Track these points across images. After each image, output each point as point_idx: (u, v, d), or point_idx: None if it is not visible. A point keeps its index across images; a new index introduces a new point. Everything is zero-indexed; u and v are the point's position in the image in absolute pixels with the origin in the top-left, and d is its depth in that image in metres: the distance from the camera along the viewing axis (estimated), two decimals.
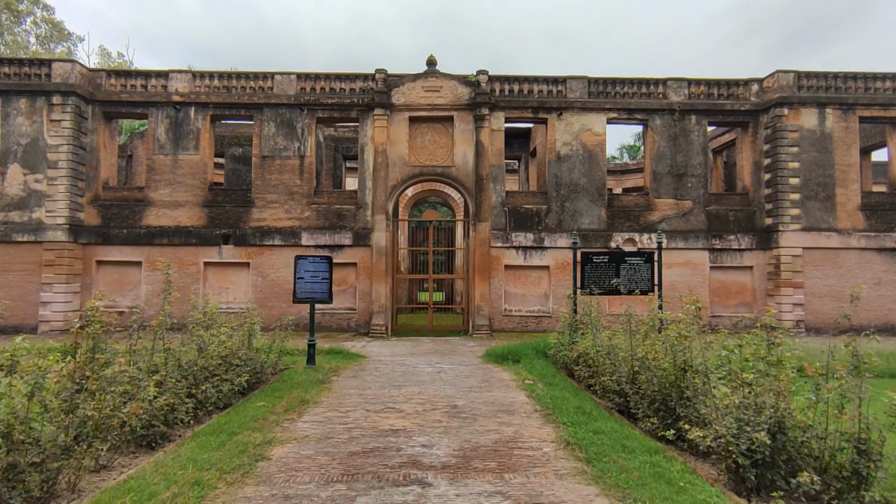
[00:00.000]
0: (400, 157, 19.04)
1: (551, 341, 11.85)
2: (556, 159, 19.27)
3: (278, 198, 18.98)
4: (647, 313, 8.91)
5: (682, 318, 6.87)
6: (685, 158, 19.33)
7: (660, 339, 7.29)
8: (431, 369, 11.50)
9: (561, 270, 18.96)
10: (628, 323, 8.26)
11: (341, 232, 18.88)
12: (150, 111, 18.96)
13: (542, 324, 18.83)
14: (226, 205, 19.00)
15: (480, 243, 18.74)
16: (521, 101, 19.30)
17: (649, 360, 7.01)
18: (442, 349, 14.85)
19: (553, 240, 18.97)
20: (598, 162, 19.31)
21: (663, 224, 19.18)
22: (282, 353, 11.57)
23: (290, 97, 19.07)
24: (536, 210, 19.19)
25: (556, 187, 19.22)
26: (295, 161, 19.04)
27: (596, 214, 19.15)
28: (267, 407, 8.01)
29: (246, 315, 17.44)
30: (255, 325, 10.10)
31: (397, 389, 9.38)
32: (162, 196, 18.85)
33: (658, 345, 7.18)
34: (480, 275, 18.62)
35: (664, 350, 6.87)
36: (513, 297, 19.09)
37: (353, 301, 18.97)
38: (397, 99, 18.96)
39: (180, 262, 18.68)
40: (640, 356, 7.27)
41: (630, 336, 8.15)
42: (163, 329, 7.73)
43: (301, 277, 11.68)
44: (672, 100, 19.42)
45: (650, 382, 6.89)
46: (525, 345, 13.05)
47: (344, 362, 12.21)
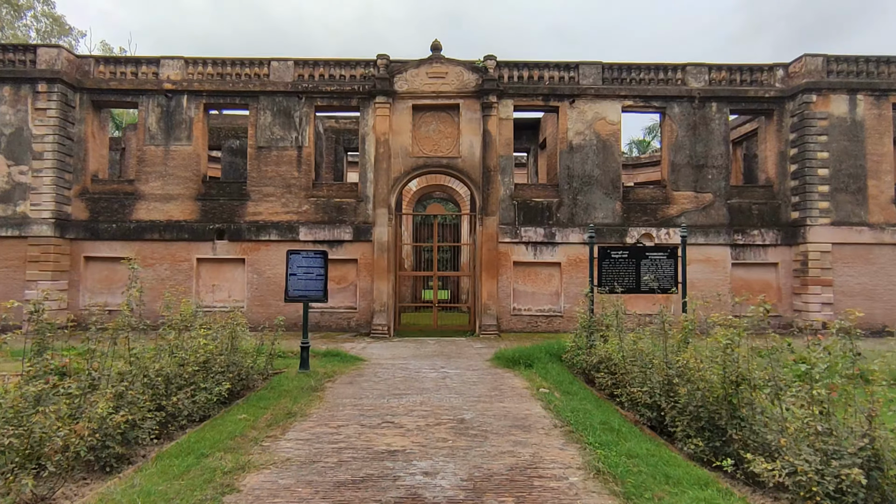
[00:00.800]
0: (403, 148, 18.03)
1: (567, 344, 10.82)
2: (568, 150, 18.20)
3: (275, 191, 18.02)
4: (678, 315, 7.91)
5: (733, 320, 5.83)
6: (705, 148, 18.21)
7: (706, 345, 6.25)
8: (436, 374, 10.50)
9: (573, 267, 17.91)
10: (661, 325, 7.20)
11: (341, 226, 17.91)
12: (141, 99, 18.04)
13: (554, 324, 17.79)
14: (220, 198, 18.07)
15: (488, 238, 17.72)
16: (531, 87, 18.23)
17: (691, 371, 5.96)
18: (447, 351, 13.85)
19: (565, 235, 17.91)
20: (613, 152, 18.22)
21: (682, 218, 18.07)
22: (273, 357, 10.61)
23: (288, 84, 18.10)
24: (547, 203, 18.13)
25: (569, 179, 18.15)
26: (292, 152, 18.07)
27: (610, 208, 18.07)
28: (248, 420, 7.03)
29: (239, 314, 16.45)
30: (239, 326, 9.07)
31: (397, 399, 8.38)
32: (153, 189, 17.93)
33: (705, 352, 6.13)
34: (488, 272, 17.61)
35: (711, 359, 5.82)
36: (522, 296, 18.06)
37: (353, 299, 18.00)
38: (400, 86, 17.95)
39: (172, 259, 17.79)
40: (680, 365, 6.23)
41: (664, 340, 7.11)
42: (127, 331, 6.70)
43: (293, 274, 10.71)
44: (691, 86, 18.30)
45: (692, 396, 5.85)
46: (537, 347, 12.02)
47: (341, 366, 11.23)
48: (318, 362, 11.60)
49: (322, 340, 15.64)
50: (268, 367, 10.41)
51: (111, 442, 5.41)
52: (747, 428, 5.12)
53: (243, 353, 9.25)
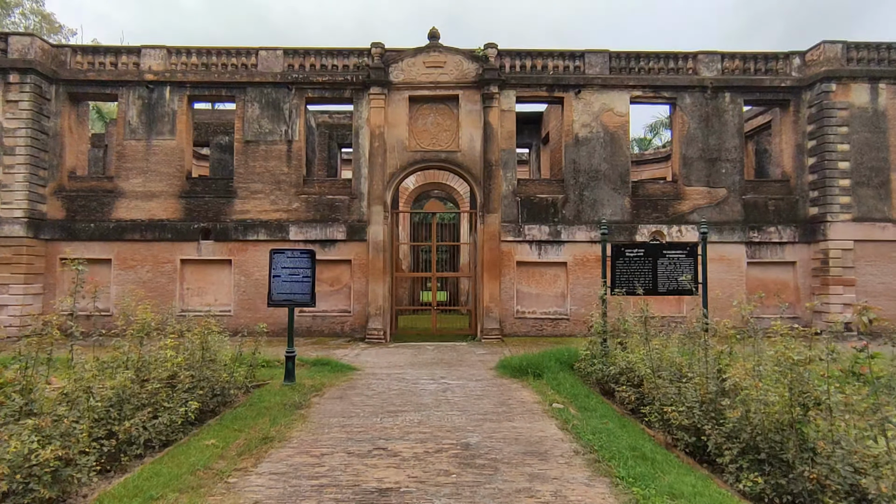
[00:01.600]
0: (399, 142, 17.02)
1: (581, 352, 9.80)
2: (573, 143, 17.21)
3: (263, 187, 16.99)
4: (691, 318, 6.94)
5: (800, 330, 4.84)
6: (718, 141, 17.24)
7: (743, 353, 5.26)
8: (435, 386, 9.49)
9: (580, 267, 16.91)
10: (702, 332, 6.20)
11: (334, 225, 16.88)
12: (121, 91, 16.99)
13: (560, 327, 16.79)
14: (205, 196, 17.02)
15: (490, 237, 16.71)
16: (535, 77, 17.24)
17: (745, 390, 4.96)
18: (447, 358, 12.83)
19: (571, 233, 16.92)
20: (621, 146, 17.24)
21: (694, 215, 17.10)
22: (254, 367, 9.59)
23: (277, 75, 17.07)
24: (552, 200, 17.13)
25: (574, 174, 17.15)
26: (282, 146, 17.04)
27: (619, 204, 17.08)
28: (217, 447, 6.01)
29: (227, 320, 15.42)
30: (212, 334, 8.05)
31: (392, 418, 7.36)
32: (134, 186, 16.88)
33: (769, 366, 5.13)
34: (490, 272, 16.60)
35: (775, 376, 4.83)
36: (526, 298, 17.06)
37: (347, 302, 16.97)
38: (396, 76, 16.94)
39: (154, 260, 16.74)
40: (729, 383, 5.22)
41: (704, 351, 6.11)
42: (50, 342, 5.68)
43: (277, 276, 9.69)
44: (703, 76, 17.33)
45: (746, 421, 4.85)
46: (546, 354, 11.01)
47: (331, 377, 10.20)
48: (305, 372, 10.58)
49: (313, 347, 14.61)
50: (249, 380, 9.40)
51: (36, 484, 4.38)
52: (824, 465, 4.12)
53: (220, 364, 8.21)
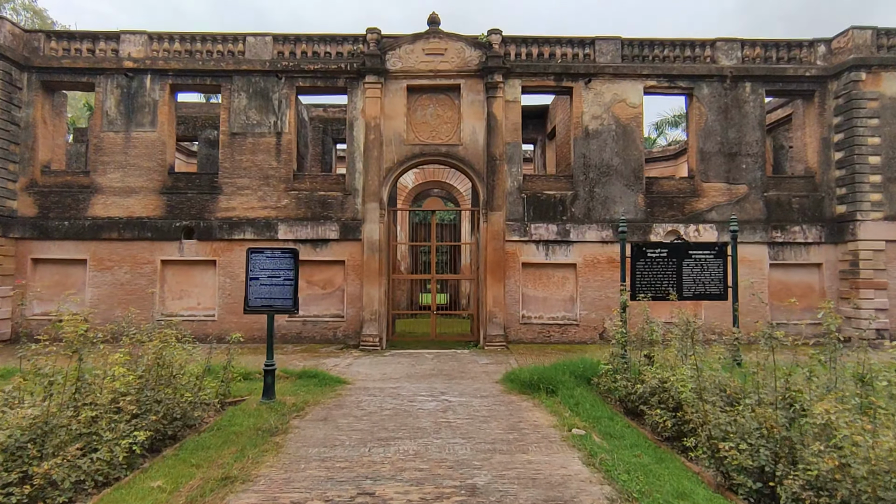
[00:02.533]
0: (396, 134, 15.87)
1: (601, 366, 8.59)
2: (583, 136, 16.06)
3: (250, 183, 15.83)
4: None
5: None
6: (738, 134, 16.09)
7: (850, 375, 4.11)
8: (435, 405, 8.31)
9: (590, 269, 15.75)
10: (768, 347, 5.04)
11: (326, 223, 15.72)
12: (98, 80, 15.84)
13: (568, 333, 15.62)
14: (188, 192, 15.86)
15: (493, 237, 15.55)
16: (542, 66, 16.10)
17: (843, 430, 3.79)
18: (448, 369, 11.66)
19: (580, 232, 15.76)
20: (634, 139, 16.09)
21: (713, 213, 15.95)
22: (229, 382, 8.43)
23: (265, 63, 15.93)
24: (560, 197, 15.98)
25: (584, 169, 16.00)
26: (270, 139, 15.89)
27: (632, 202, 15.92)
28: (162, 492, 4.84)
29: (211, 325, 14.21)
30: (169, 347, 6.89)
31: (383, 447, 6.19)
32: (111, 181, 15.72)
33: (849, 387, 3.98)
34: (493, 275, 15.43)
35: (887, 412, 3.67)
36: (532, 302, 15.89)
37: (340, 306, 15.80)
38: (393, 64, 15.80)
39: (133, 261, 15.57)
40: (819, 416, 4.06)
41: (765, 371, 4.95)
42: None
43: (255, 278, 8.52)
44: (722, 64, 16.19)
45: (844, 474, 3.68)
46: (558, 367, 9.83)
47: (316, 393, 9.02)
48: (289, 387, 9.41)
49: (301, 355, 13.44)
50: (223, 396, 8.25)
51: None
52: None
53: (184, 381, 7.05)
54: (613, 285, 15.58)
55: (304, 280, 15.81)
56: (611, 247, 15.76)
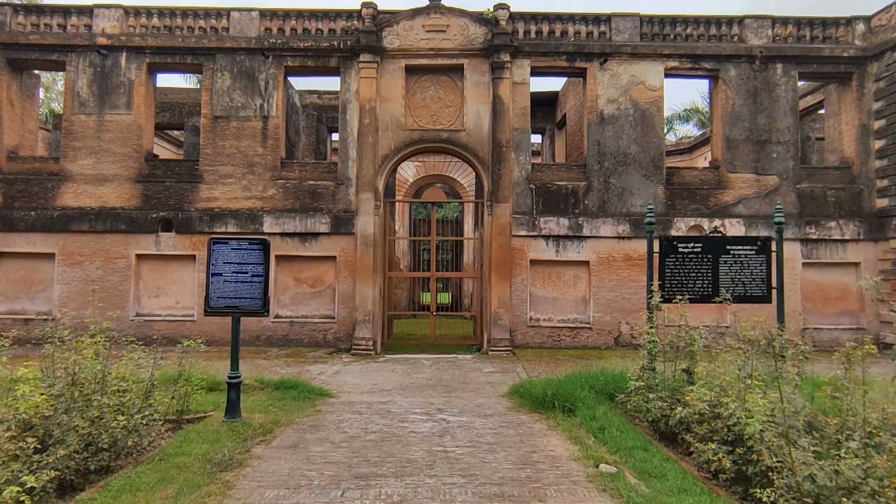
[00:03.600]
0: (394, 119, 14.52)
1: (631, 382, 7.17)
2: (597, 122, 14.67)
3: (234, 171, 14.51)
4: None
5: None
6: (768, 121, 14.67)
7: None
8: (430, 426, 6.96)
9: (605, 267, 14.37)
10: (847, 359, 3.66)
11: (316, 215, 14.39)
12: (69, 58, 14.54)
13: (580, 337, 14.25)
14: (166, 180, 14.55)
15: (499, 231, 14.18)
16: (553, 45, 14.70)
17: None
18: (447, 379, 10.30)
19: (594, 227, 14.38)
20: (654, 125, 14.69)
21: (740, 206, 14.54)
22: (187, 397, 7.12)
23: (251, 40, 14.59)
24: (573, 188, 14.60)
25: (599, 158, 14.61)
26: (256, 123, 14.56)
27: (651, 194, 14.52)
28: None
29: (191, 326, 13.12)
30: (89, 362, 5.58)
31: (360, 491, 4.84)
32: (83, 168, 14.43)
33: None
34: (499, 272, 14.07)
35: None
36: (541, 303, 14.52)
37: (330, 306, 14.47)
38: (390, 42, 14.44)
39: (105, 255, 14.28)
40: None
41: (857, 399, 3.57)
42: None
43: (218, 274, 7.19)
44: (751, 44, 14.76)
45: None
46: (574, 378, 8.47)
47: (293, 409, 7.69)
48: (262, 400, 8.08)
49: (285, 361, 12.12)
50: (181, 413, 6.95)
51: None
52: None
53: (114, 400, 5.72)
54: (630, 285, 14.22)
55: (292, 278, 14.50)
56: (627, 243, 14.38)
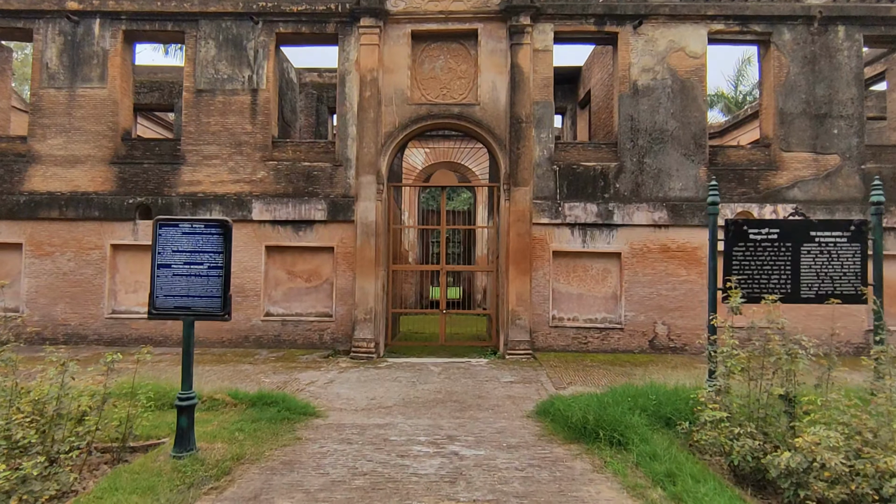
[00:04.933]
0: (398, 92, 12.85)
1: (706, 411, 5.39)
2: (630, 94, 12.86)
3: (220, 151, 12.94)
4: None
5: None
6: (828, 91, 12.77)
7: None
8: (438, 464, 5.34)
9: (639, 259, 12.62)
10: None
11: (311, 201, 12.79)
12: (37, 25, 13.04)
13: (610, 340, 12.54)
14: (144, 161, 13.03)
15: (517, 218, 12.49)
16: (579, 5, 12.89)
17: None
18: (460, 391, 8.67)
19: (627, 213, 12.62)
20: (696, 97, 12.85)
21: (795, 190, 12.69)
22: (129, 422, 5.56)
23: (238, 4, 12.97)
24: (602, 170, 12.83)
25: (632, 135, 12.82)
26: (244, 97, 12.97)
27: (691, 176, 12.72)
28: None
29: (170, 324, 11.69)
30: None
31: None
32: (52, 148, 12.95)
33: None
34: (517, 266, 12.39)
35: None
36: (565, 300, 12.82)
37: (328, 303, 12.89)
38: (394, 4, 12.74)
39: (78, 245, 12.81)
40: None
41: None
42: None
43: (166, 266, 5.60)
44: (808, 3, 12.83)
45: None
46: (617, 395, 6.79)
47: (264, 437, 6.10)
48: (231, 421, 6.51)
49: (274, 366, 10.56)
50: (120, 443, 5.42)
51: None
52: None
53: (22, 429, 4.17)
54: (668, 280, 12.46)
55: (285, 271, 12.94)
56: (664, 232, 12.61)
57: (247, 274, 12.67)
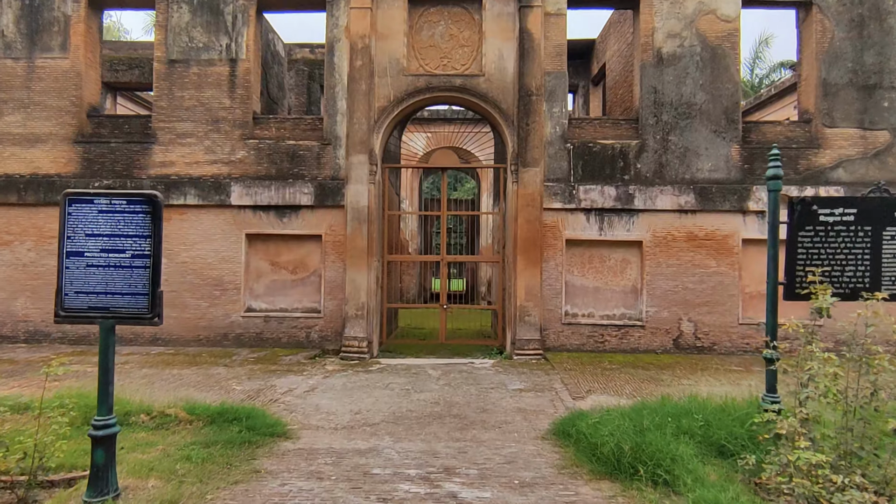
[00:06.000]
0: (393, 62, 11.48)
1: (796, 451, 4.06)
2: (654, 62, 11.45)
3: (195, 128, 11.63)
4: None
5: None
6: (878, 59, 11.32)
7: None
8: None
9: (663, 249, 11.28)
10: None
11: (297, 184, 11.49)
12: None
13: (630, 338, 11.24)
14: (112, 140, 11.75)
15: (527, 203, 11.15)
16: None
17: None
18: (461, 402, 7.40)
19: (649, 197, 11.27)
20: (727, 66, 11.42)
21: (840, 171, 11.29)
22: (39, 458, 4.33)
23: None
24: (621, 148, 11.46)
25: (655, 109, 11.43)
26: (222, 68, 11.63)
27: (722, 155, 11.33)
28: None
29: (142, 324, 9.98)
30: None
31: None
32: (9, 126, 11.68)
33: None
34: (526, 256, 11.07)
35: None
36: (579, 294, 11.51)
37: (315, 297, 11.63)
38: None
39: (38, 234, 11.57)
40: None
41: None
42: None
43: (76, 254, 4.31)
44: None
45: None
46: (653, 412, 5.51)
47: (216, 469, 4.84)
48: (178, 445, 5.26)
49: (251, 369, 9.32)
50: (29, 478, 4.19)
51: None
52: None
53: None
54: (695, 272, 11.13)
55: (268, 262, 11.68)
56: (691, 218, 11.26)
57: (225, 265, 11.41)
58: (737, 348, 11.13)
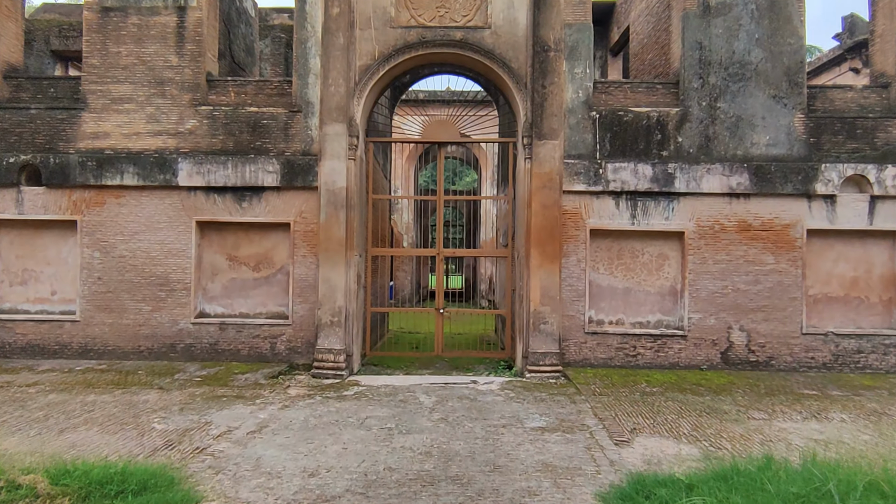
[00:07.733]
0: (379, 10, 9.32)
1: None
2: (699, 13, 9.30)
3: (134, 92, 9.46)
4: None
5: None
6: None
7: None
8: None
9: (709, 241, 9.18)
10: None
11: (259, 160, 9.33)
12: None
13: (668, 351, 9.15)
14: (32, 107, 9.56)
15: (543, 184, 9.03)
16: None
17: None
18: (462, 453, 5.30)
19: (693, 177, 9.16)
20: (790, 17, 9.28)
21: None
22: None
23: None
24: (658, 118, 9.33)
25: (700, 70, 9.29)
26: (167, 17, 9.45)
27: (783, 126, 9.21)
28: None
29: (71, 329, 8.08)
30: None
31: None
32: None
33: None
34: (542, 249, 8.96)
35: None
36: (606, 296, 9.42)
37: (283, 300, 9.51)
38: None
39: None
40: None
41: None
42: None
43: None
44: None
45: None
46: (764, 488, 3.42)
47: None
48: None
49: (190, 394, 7.21)
50: None
51: None
52: None
53: None
54: (749, 270, 9.06)
55: (225, 256, 9.57)
56: (744, 203, 9.16)
57: (171, 260, 9.28)
58: (799, 364, 9.06)
